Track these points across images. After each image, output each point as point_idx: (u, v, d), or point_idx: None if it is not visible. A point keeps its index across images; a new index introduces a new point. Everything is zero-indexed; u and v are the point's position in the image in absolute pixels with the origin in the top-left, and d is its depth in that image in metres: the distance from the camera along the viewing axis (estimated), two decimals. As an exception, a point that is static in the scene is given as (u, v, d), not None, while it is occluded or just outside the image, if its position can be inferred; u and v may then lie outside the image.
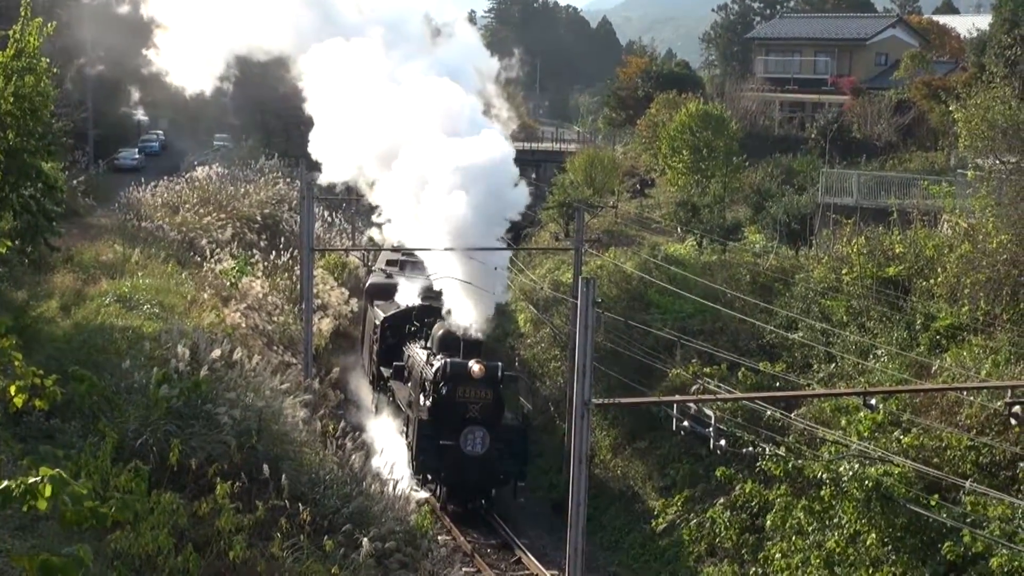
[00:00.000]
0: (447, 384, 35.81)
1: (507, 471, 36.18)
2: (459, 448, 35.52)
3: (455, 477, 36.16)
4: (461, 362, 35.82)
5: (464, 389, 35.68)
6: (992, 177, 35.03)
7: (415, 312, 44.11)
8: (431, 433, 35.91)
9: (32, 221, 32.17)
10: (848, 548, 29.09)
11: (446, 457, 35.67)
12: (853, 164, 60.86)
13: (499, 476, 36.28)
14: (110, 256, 45.92)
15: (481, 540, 35.30)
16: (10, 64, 32.49)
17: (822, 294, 38.17)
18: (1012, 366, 29.55)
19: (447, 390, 35.76)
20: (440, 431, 35.72)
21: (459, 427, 35.61)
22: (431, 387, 36.47)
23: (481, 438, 35.52)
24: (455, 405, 35.71)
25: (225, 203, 63.46)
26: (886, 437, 30.11)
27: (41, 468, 6.84)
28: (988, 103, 34.46)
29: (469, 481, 36.23)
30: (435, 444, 35.73)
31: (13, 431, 21.52)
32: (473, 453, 35.57)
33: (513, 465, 36.16)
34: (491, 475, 36.14)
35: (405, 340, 43.06)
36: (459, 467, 35.73)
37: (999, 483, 26.59)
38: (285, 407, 29.99)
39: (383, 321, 45.11)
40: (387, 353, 43.96)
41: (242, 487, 21.81)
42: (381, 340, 44.91)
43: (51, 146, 35.57)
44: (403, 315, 44.84)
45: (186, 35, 48.10)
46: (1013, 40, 58.86)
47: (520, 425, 37.86)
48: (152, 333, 31.80)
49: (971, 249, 34.09)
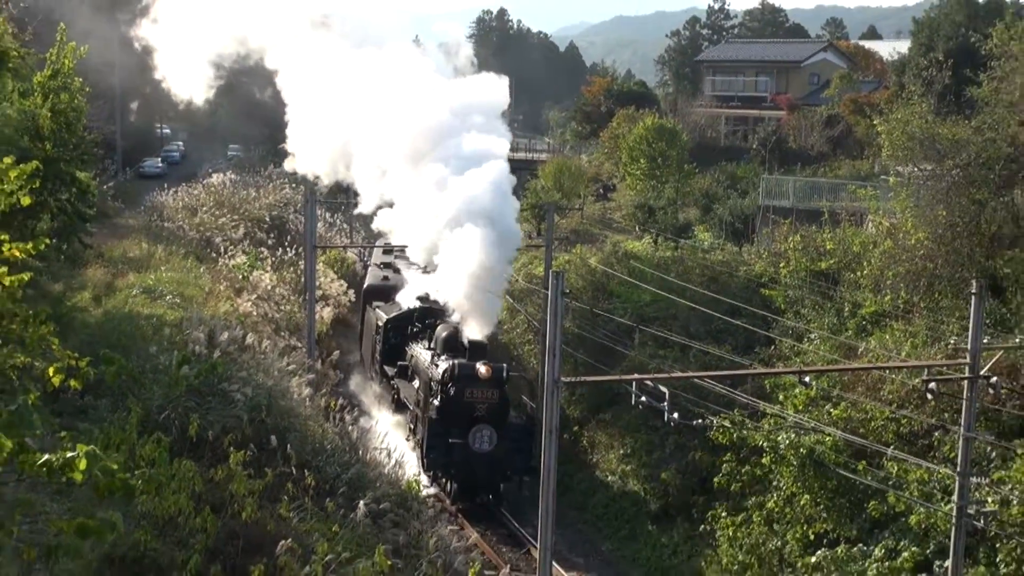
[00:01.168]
0: (455, 385, 33.75)
1: (514, 467, 34.23)
2: (468, 446, 33.51)
3: (464, 473, 34.07)
4: (469, 364, 33.95)
5: (472, 390, 33.54)
6: (911, 182, 35.11)
7: (416, 314, 42.00)
8: (440, 431, 33.87)
9: (67, 221, 32.06)
10: (785, 508, 29.18)
11: (455, 454, 33.71)
12: (789, 171, 61.02)
13: (506, 472, 34.23)
14: (136, 252, 45.76)
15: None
16: (47, 83, 32.41)
17: (762, 285, 38.24)
18: (928, 348, 29.65)
19: (455, 390, 33.70)
20: (449, 430, 33.70)
21: (467, 426, 33.52)
22: (439, 387, 34.44)
23: (489, 436, 33.49)
24: (463, 405, 33.60)
25: (238, 206, 63.34)
26: (819, 410, 30.21)
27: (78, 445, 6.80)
28: (907, 117, 34.51)
29: (478, 477, 34.03)
30: (444, 442, 33.79)
31: (51, 407, 21.43)
32: (481, 450, 33.53)
33: (519, 462, 34.10)
34: (498, 471, 34.06)
35: (407, 340, 41.18)
36: (468, 464, 33.70)
37: (917, 450, 26.69)
38: (291, 385, 29.96)
39: (386, 322, 42.91)
40: (390, 352, 42.11)
41: (253, 456, 21.76)
42: (384, 340, 42.76)
43: (84, 155, 35.47)
44: (405, 316, 42.66)
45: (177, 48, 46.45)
46: (929, 62, 59.03)
47: (525, 423, 35.32)
48: (174, 320, 31.72)
49: (892, 245, 34.18)
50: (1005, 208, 31.67)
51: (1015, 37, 33.63)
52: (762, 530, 29.41)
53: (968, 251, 31.60)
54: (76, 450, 6.65)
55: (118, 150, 79.51)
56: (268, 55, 46.21)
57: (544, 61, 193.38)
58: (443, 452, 33.90)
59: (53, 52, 33.25)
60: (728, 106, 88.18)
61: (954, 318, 29.80)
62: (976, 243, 31.67)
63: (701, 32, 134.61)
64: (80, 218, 33.58)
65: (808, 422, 28.69)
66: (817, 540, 28.14)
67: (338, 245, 61.63)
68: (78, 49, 33.14)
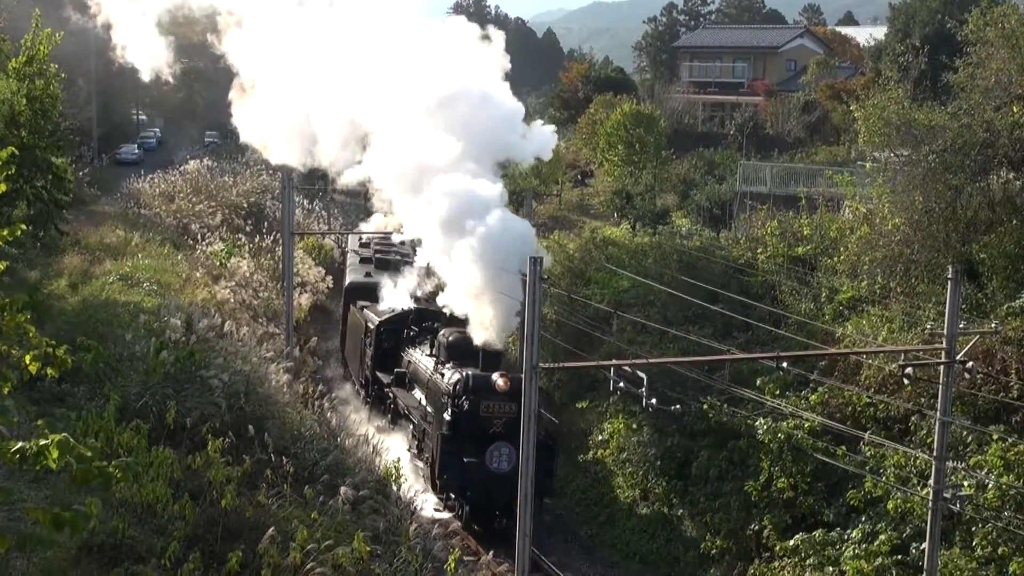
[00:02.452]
0: (470, 398, 30.01)
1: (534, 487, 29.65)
2: (484, 465, 29.65)
3: (481, 496, 29.97)
4: (484, 375, 30.06)
5: (488, 403, 29.85)
6: (887, 168, 35.14)
7: (412, 316, 38.55)
8: (453, 449, 29.96)
9: (43, 209, 31.99)
10: (763, 492, 29.29)
11: (471, 475, 29.65)
12: (766, 157, 61.19)
13: None
14: (113, 240, 45.62)
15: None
16: (22, 69, 32.27)
17: (740, 271, 38.29)
18: (905, 333, 29.74)
19: (470, 404, 29.93)
20: (462, 447, 29.82)
21: (482, 443, 29.73)
22: (449, 400, 30.65)
23: (507, 455, 29.41)
24: (479, 420, 29.80)
25: (215, 192, 63.29)
26: (796, 395, 30.33)
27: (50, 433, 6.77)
28: (884, 103, 34.53)
29: (495, 499, 29.61)
30: (459, 461, 29.81)
31: (28, 395, 21.37)
32: (499, 470, 29.50)
33: (540, 481, 27.50)
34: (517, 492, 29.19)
35: (404, 345, 37.63)
36: (485, 485, 29.66)
37: (894, 435, 26.81)
38: (269, 372, 29.94)
39: (378, 325, 39.14)
40: (383, 358, 38.48)
41: (231, 443, 21.75)
42: (376, 344, 38.97)
43: (60, 142, 35.36)
44: (399, 319, 38.91)
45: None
46: (905, 48, 59.20)
47: (543, 438, 29.25)
48: (151, 308, 31.64)
49: (869, 231, 34.23)
50: (981, 194, 31.75)
51: (991, 23, 33.65)
52: (740, 514, 29.52)
53: (944, 237, 31.67)
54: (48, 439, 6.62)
55: (94, 136, 79.18)
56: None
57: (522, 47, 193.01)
58: (458, 472, 30.01)
59: (28, 38, 33.11)
60: (705, 92, 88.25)
61: (930, 303, 29.89)
62: (952, 229, 31.74)
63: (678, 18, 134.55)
64: (56, 205, 33.50)
65: (786, 407, 28.79)
66: (795, 524, 28.27)
67: (316, 232, 61.52)
68: (53, 36, 33.02)
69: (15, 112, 29.84)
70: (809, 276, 36.06)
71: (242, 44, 39.66)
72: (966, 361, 21.31)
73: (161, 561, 16.55)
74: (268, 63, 38.70)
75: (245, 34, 39.85)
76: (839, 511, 27.45)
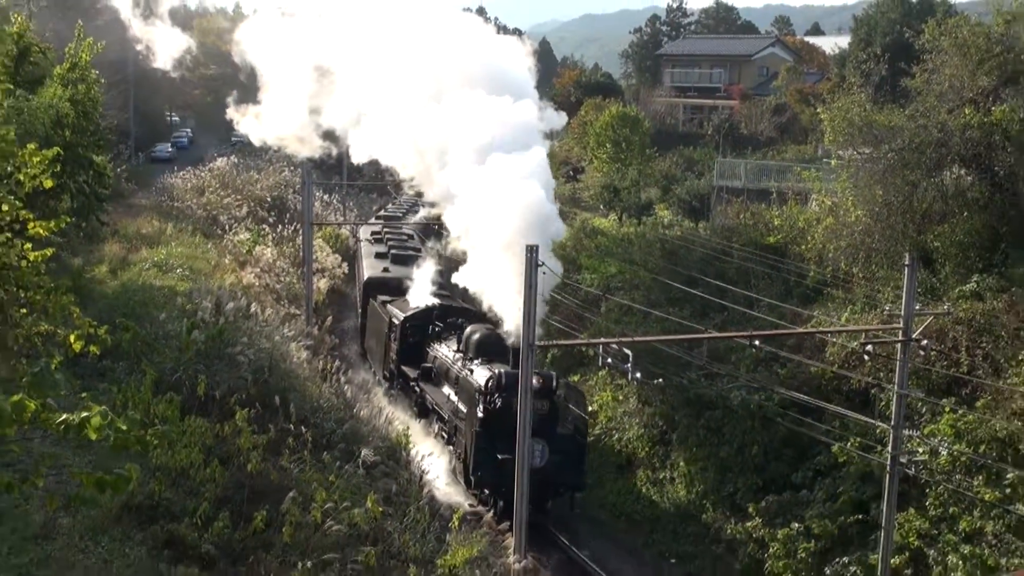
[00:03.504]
0: (503, 395, 27.44)
1: (566, 483, 28.35)
2: None
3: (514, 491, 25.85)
4: (516, 372, 26.16)
5: None
6: (850, 165, 35.13)
7: (436, 311, 36.15)
8: (487, 446, 27.57)
9: (86, 202, 31.96)
10: (737, 457, 29.35)
11: (504, 471, 26.53)
12: (741, 155, 61.02)
13: (558, 488, 28.42)
14: (149, 230, 45.61)
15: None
16: (66, 75, 32.24)
17: (716, 258, 38.30)
18: (866, 314, 29.78)
19: (503, 401, 27.29)
20: (495, 444, 27.33)
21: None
22: (481, 397, 28.17)
23: (540, 451, 27.11)
24: (511, 417, 25.61)
25: (241, 187, 63.19)
26: (767, 370, 30.37)
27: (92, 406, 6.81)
28: (848, 106, 34.50)
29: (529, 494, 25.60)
30: (493, 457, 27.37)
31: (73, 370, 21.38)
32: (532, 466, 25.79)
33: (572, 477, 28.26)
34: (550, 487, 28.08)
35: (429, 340, 35.10)
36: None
37: (855, 406, 26.85)
38: (291, 349, 29.93)
39: (403, 321, 36.35)
40: (408, 353, 35.85)
41: (257, 413, 21.75)
42: (401, 339, 36.27)
43: (100, 141, 35.33)
44: (423, 314, 36.37)
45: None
46: (867, 56, 59.06)
47: (573, 434, 28.65)
48: (183, 291, 31.64)
49: (834, 222, 34.24)
50: (935, 188, 31.76)
51: (945, 33, 33.63)
52: (716, 477, 29.60)
53: (902, 227, 31.69)
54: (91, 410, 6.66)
55: (131, 136, 79.06)
56: None
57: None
58: (492, 469, 27.47)
59: (71, 47, 33.10)
60: (686, 96, 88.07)
61: (889, 287, 29.94)
62: (909, 220, 31.76)
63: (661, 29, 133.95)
64: (97, 198, 33.49)
65: (757, 381, 28.85)
66: (766, 486, 28.35)
67: (333, 222, 61.43)
68: (95, 45, 33.03)
69: (60, 115, 29.80)
70: (779, 263, 36.07)
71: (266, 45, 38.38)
72: (921, 340, 21.36)
73: (193, 519, 16.60)
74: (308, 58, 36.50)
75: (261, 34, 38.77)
76: (805, 475, 27.56)
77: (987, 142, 30.88)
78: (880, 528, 22.88)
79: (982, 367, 26.03)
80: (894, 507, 22.33)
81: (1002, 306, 27.42)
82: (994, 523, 23.34)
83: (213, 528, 16.40)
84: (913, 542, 24.02)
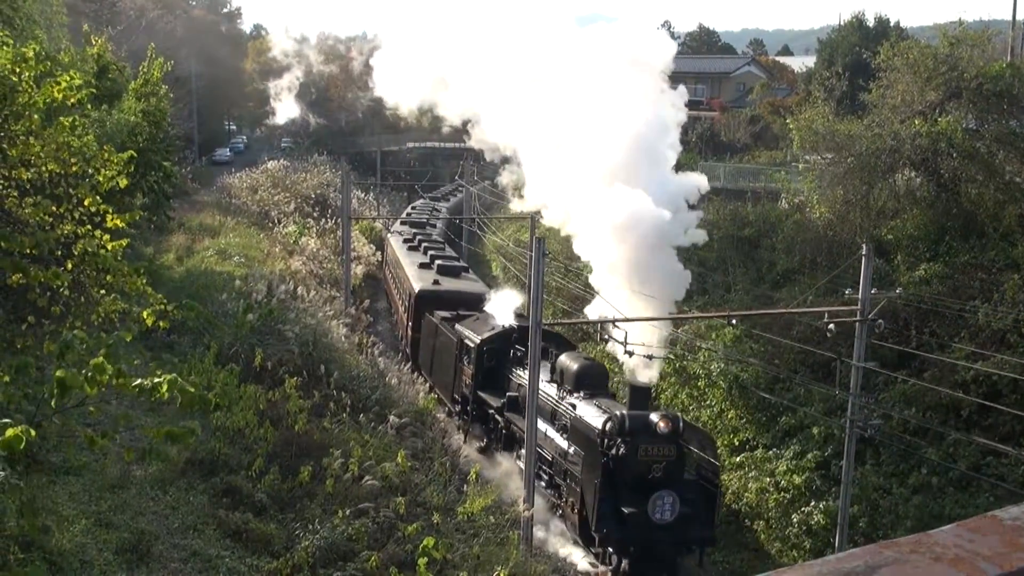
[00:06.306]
0: (625, 440, 21.17)
1: (696, 538, 21.43)
2: (646, 515, 20.70)
3: (642, 549, 20.85)
4: (641, 414, 21.56)
5: (646, 447, 21.04)
6: (815, 168, 35.05)
7: (515, 334, 28.18)
8: (610, 497, 20.93)
9: (156, 199, 32.02)
10: (716, 420, 29.32)
11: (631, 526, 20.69)
12: (720, 159, 60.82)
13: (690, 544, 21.65)
14: (210, 223, 45.66)
15: None
16: (139, 90, 32.29)
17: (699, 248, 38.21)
18: (828, 297, 29.72)
19: (627, 447, 21.11)
20: (620, 495, 21.01)
21: (641, 489, 20.97)
22: (599, 441, 21.49)
23: (671, 504, 20.81)
24: (636, 465, 21.00)
25: (289, 186, 63.15)
26: (743, 345, 30.30)
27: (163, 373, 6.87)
28: (813, 117, 34.39)
29: (656, 552, 20.90)
30: (618, 511, 20.85)
31: (145, 343, 21.45)
32: (663, 521, 20.78)
33: (703, 530, 21.35)
34: (680, 543, 21.40)
35: (508, 366, 28.22)
36: (647, 537, 20.71)
37: (819, 376, 26.81)
38: (332, 326, 29.91)
39: (480, 344, 29.08)
40: (485, 378, 29.01)
41: (303, 381, 21.77)
42: (478, 364, 29.06)
43: (168, 147, 35.39)
44: (501, 337, 29.06)
45: None
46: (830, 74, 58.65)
47: (696, 480, 21.94)
48: (240, 276, 31.66)
49: (801, 218, 34.21)
50: (888, 188, 31.70)
51: (897, 54, 33.48)
52: (698, 438, 29.56)
53: (860, 222, 31.64)
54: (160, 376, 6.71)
55: (195, 142, 79.16)
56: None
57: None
58: (618, 524, 20.83)
59: (144, 65, 33.16)
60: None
61: (848, 275, 29.87)
62: (866, 216, 31.71)
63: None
64: (165, 196, 33.56)
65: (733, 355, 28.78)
66: (741, 446, 28.33)
67: (368, 217, 61.45)
68: (165, 64, 33.06)
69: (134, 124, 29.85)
70: (753, 252, 35.98)
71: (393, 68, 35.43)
72: (876, 319, 21.28)
73: (248, 473, 16.64)
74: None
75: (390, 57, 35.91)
76: (775, 436, 27.51)
77: (934, 149, 30.77)
78: (840, 482, 22.84)
79: (929, 343, 25.96)
80: (852, 464, 22.28)
81: (946, 291, 27.34)
82: (939, 478, 23.33)
83: (265, 480, 16.43)
84: (869, 494, 24.00)
